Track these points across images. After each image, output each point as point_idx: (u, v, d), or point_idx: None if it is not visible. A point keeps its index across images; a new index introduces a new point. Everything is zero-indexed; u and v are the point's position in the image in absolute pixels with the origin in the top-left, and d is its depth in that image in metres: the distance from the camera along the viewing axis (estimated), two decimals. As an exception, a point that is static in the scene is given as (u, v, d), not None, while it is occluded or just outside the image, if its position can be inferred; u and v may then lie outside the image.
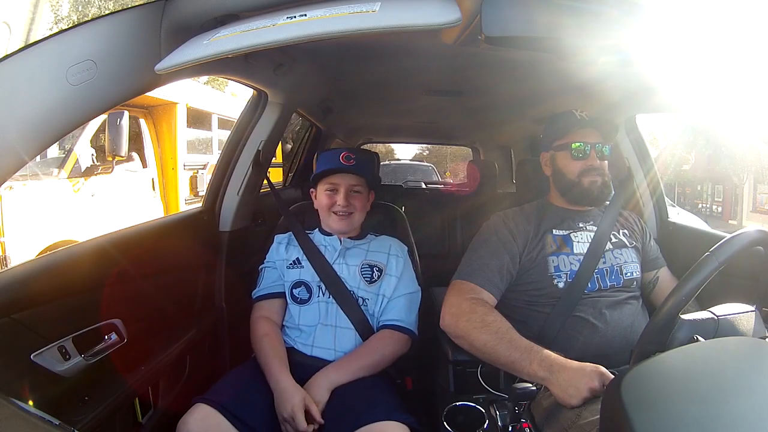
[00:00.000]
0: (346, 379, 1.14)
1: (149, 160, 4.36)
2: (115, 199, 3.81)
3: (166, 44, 0.83)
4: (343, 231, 1.32)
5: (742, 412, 0.50)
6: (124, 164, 3.96)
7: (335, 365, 1.16)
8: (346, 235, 1.34)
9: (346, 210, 1.29)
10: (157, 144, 4.44)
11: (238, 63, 1.18)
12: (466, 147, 4.88)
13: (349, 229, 1.33)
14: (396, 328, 1.24)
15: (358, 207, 1.31)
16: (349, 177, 1.30)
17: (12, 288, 0.82)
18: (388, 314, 1.26)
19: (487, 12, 0.78)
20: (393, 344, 1.22)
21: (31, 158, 0.73)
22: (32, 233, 3.03)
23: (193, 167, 4.82)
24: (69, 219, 3.33)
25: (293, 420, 1.03)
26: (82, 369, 0.94)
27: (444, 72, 1.61)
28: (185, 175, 4.65)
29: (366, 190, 1.34)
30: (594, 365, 0.90)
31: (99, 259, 1.04)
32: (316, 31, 0.74)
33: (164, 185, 4.50)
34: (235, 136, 1.58)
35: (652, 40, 0.82)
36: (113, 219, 3.50)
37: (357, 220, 1.32)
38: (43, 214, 3.16)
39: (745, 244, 0.74)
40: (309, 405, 1.06)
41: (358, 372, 1.15)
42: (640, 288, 1.20)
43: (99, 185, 3.71)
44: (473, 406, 1.07)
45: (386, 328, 1.25)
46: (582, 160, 1.19)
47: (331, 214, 1.31)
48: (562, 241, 1.18)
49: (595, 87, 1.46)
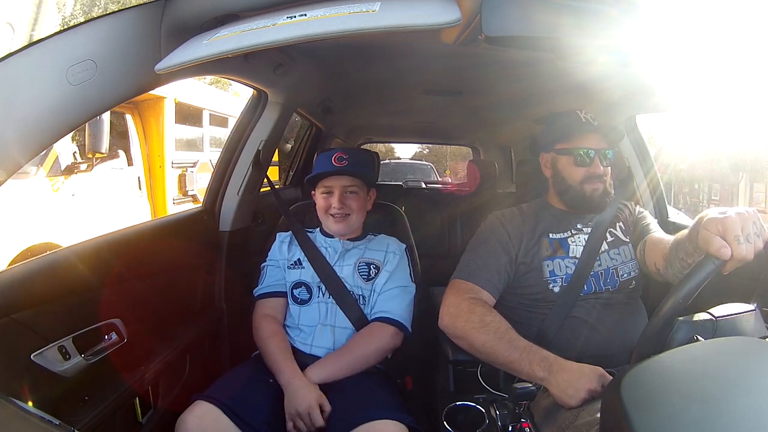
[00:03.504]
0: (331, 375, 1.13)
1: (135, 157, 4.14)
2: (97, 199, 3.60)
3: (166, 44, 0.83)
4: (341, 233, 1.32)
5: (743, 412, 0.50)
6: (108, 162, 3.76)
7: (319, 363, 1.16)
8: (346, 237, 1.34)
9: (342, 212, 1.28)
10: (144, 141, 4.24)
11: (238, 63, 1.18)
12: (467, 147, 4.87)
13: (347, 230, 1.32)
14: (385, 320, 1.23)
15: (355, 208, 1.30)
16: (343, 178, 1.29)
17: (12, 288, 0.82)
18: (377, 306, 1.26)
19: (487, 12, 0.78)
20: (381, 337, 1.21)
21: (31, 158, 0.73)
22: (8, 236, 2.82)
23: (181, 165, 4.62)
24: (48, 220, 3.13)
25: (309, 416, 1.05)
26: (82, 369, 0.94)
27: (444, 72, 1.61)
28: (173, 173, 4.46)
29: (363, 190, 1.33)
30: (593, 366, 0.90)
31: (99, 259, 1.04)
32: (316, 31, 0.74)
33: (151, 184, 4.30)
34: (235, 136, 1.59)
35: (651, 40, 0.82)
36: (96, 220, 3.36)
37: (355, 221, 1.32)
38: (20, 215, 2.94)
39: None
40: (323, 402, 1.08)
41: (344, 367, 1.15)
42: (640, 286, 1.20)
43: (80, 184, 3.47)
44: (473, 406, 1.07)
45: (375, 321, 1.24)
46: (585, 167, 1.16)
47: (329, 217, 1.30)
48: (558, 244, 1.17)
49: (595, 87, 1.46)
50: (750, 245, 0.69)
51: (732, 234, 0.69)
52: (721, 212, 0.72)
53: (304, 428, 1.05)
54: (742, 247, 0.69)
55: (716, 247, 0.69)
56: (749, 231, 0.70)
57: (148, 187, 4.27)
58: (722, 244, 0.69)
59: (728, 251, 0.68)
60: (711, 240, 0.70)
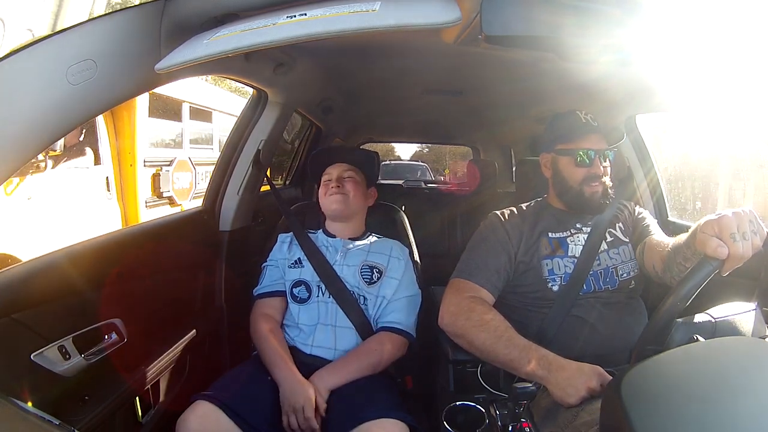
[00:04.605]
0: (341, 381, 1.14)
1: (104, 155, 3.68)
2: (58, 203, 3.16)
3: (166, 43, 0.83)
4: (341, 214, 1.36)
5: (743, 411, 0.50)
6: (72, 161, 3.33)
7: (330, 368, 1.16)
8: (347, 236, 1.35)
9: (339, 191, 1.34)
10: (114, 137, 3.78)
11: (238, 62, 1.17)
12: (467, 146, 4.87)
13: (345, 208, 1.36)
14: (394, 330, 1.24)
15: (352, 190, 1.36)
16: (342, 166, 1.40)
17: (12, 288, 0.82)
18: (387, 316, 1.26)
19: (487, 11, 0.78)
20: (390, 347, 1.22)
21: (31, 158, 0.73)
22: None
23: (156, 164, 4.15)
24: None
25: (303, 411, 1.05)
26: (82, 369, 0.94)
27: (444, 71, 1.61)
28: (146, 173, 3.98)
29: (361, 181, 1.40)
30: (592, 365, 0.90)
31: (99, 259, 1.04)
32: (316, 30, 0.74)
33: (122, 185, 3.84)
34: (235, 136, 1.59)
35: (652, 40, 0.82)
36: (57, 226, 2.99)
37: (353, 204, 1.36)
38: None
39: None
40: (318, 399, 1.08)
41: (354, 374, 1.15)
42: (640, 286, 1.20)
43: (38, 186, 3.04)
44: (473, 406, 1.07)
45: (385, 330, 1.25)
46: (586, 168, 1.16)
47: (327, 198, 1.36)
48: (558, 243, 1.17)
49: (595, 87, 1.46)
50: (747, 242, 0.70)
51: (728, 232, 0.70)
52: (717, 214, 0.73)
53: (295, 423, 1.05)
54: (739, 245, 0.69)
55: (713, 248, 0.70)
56: (745, 229, 0.70)
57: (117, 188, 3.83)
58: (718, 243, 0.70)
59: (725, 250, 0.69)
60: (707, 241, 0.71)
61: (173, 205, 4.42)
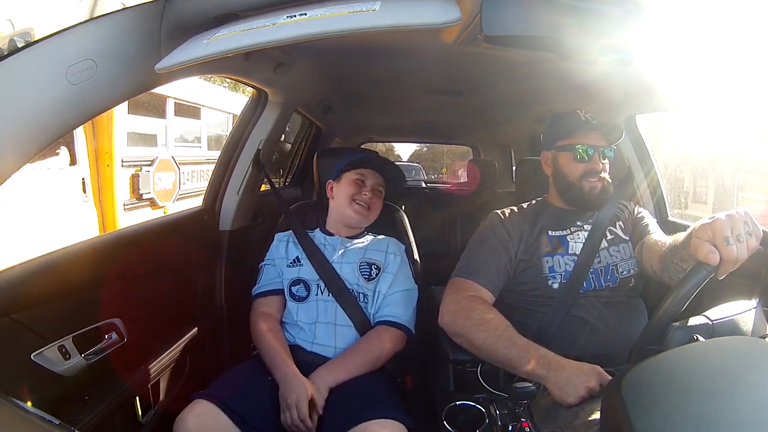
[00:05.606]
0: (341, 378, 1.13)
1: (80, 155, 3.45)
2: (30, 206, 2.96)
3: (166, 43, 0.83)
4: (358, 224, 1.36)
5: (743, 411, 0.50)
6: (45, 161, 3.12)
7: (329, 365, 1.16)
8: (347, 234, 1.35)
9: (370, 202, 1.33)
10: (92, 135, 3.55)
11: (238, 62, 1.17)
12: (467, 146, 4.87)
13: (365, 223, 1.36)
14: (392, 324, 1.24)
15: (377, 206, 1.37)
16: (378, 177, 1.37)
17: (12, 288, 0.82)
18: (384, 310, 1.26)
19: (487, 11, 0.78)
20: (388, 341, 1.22)
21: (31, 158, 0.73)
22: None
23: (135, 163, 3.90)
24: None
25: (296, 407, 1.04)
26: (82, 369, 0.94)
27: (444, 71, 1.61)
28: (124, 173, 3.75)
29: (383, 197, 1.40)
30: (592, 365, 0.90)
31: (99, 259, 1.04)
32: (316, 30, 0.74)
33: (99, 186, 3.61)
34: (234, 136, 1.59)
35: (653, 40, 0.82)
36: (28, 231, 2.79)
37: (372, 219, 1.37)
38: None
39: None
40: (314, 395, 1.07)
41: (353, 371, 1.15)
42: (640, 284, 1.20)
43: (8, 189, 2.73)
44: (473, 406, 1.07)
45: (382, 324, 1.24)
46: (585, 163, 1.18)
47: (352, 204, 1.33)
48: (558, 241, 1.17)
49: (595, 87, 1.46)
50: (741, 245, 0.70)
51: (721, 236, 0.70)
52: (711, 217, 0.73)
53: (289, 421, 1.05)
54: (732, 248, 0.69)
55: (704, 254, 0.70)
56: (740, 231, 0.70)
57: (94, 190, 3.58)
58: (710, 249, 0.69)
59: (716, 257, 0.69)
60: (700, 247, 0.71)
61: (154, 207, 4.17)
